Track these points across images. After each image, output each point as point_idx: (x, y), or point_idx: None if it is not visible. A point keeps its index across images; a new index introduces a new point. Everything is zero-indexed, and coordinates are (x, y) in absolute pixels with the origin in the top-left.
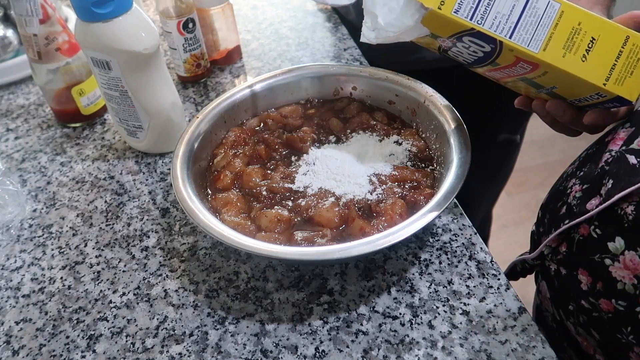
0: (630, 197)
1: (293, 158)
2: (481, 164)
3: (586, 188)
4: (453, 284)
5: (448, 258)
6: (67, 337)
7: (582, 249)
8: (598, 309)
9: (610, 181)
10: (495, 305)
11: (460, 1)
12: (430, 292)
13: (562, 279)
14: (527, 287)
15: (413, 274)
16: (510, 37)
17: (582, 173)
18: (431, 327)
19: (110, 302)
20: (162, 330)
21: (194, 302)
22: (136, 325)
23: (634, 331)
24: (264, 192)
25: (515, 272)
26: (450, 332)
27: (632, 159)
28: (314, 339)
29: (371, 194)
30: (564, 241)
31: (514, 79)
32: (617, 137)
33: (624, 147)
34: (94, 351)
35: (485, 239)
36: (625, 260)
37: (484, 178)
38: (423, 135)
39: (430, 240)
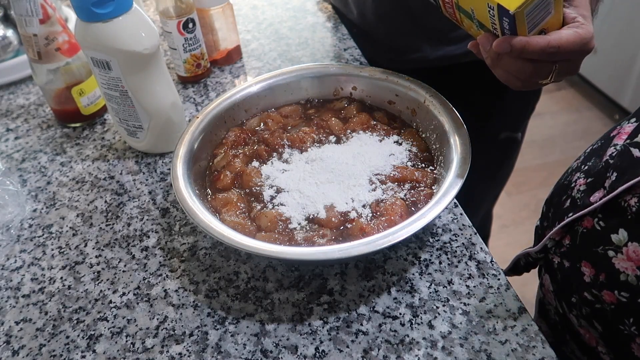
0: (634, 189)
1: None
2: (482, 163)
3: (590, 181)
4: (453, 284)
5: (448, 258)
6: (67, 337)
7: (586, 241)
8: (601, 301)
9: (614, 174)
10: (495, 306)
11: None
12: (430, 292)
13: (566, 272)
14: (526, 287)
15: (413, 274)
16: None
17: (586, 167)
18: (431, 327)
19: (110, 302)
20: (162, 330)
21: (194, 302)
22: (136, 325)
23: (636, 322)
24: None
25: (518, 266)
26: (450, 332)
27: (636, 152)
28: (314, 339)
29: (371, 194)
30: (568, 234)
31: (458, 13)
32: (622, 132)
33: (628, 141)
34: (94, 351)
35: (486, 238)
36: (628, 252)
37: (485, 177)
38: (423, 135)
39: (430, 240)
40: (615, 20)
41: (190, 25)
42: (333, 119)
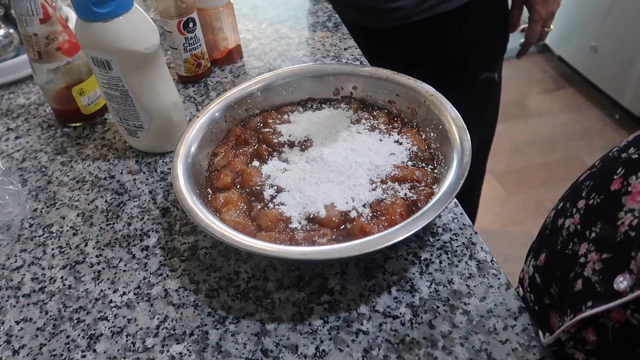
0: None
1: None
2: (465, 106)
3: (607, 259)
4: (453, 283)
5: (448, 257)
6: (68, 336)
7: (622, 338)
8: None
9: None
10: (495, 305)
11: None
12: (430, 292)
13: None
14: None
15: (413, 274)
16: None
17: (593, 235)
18: (431, 326)
19: (111, 301)
20: (162, 329)
21: (194, 301)
22: (136, 324)
23: None
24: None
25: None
26: (450, 332)
27: None
28: (314, 338)
29: (371, 193)
30: (591, 327)
31: None
32: (635, 191)
33: None
34: (94, 351)
35: (474, 209)
36: None
37: (471, 119)
38: (423, 135)
39: (431, 239)
40: (615, 20)
41: (191, 24)
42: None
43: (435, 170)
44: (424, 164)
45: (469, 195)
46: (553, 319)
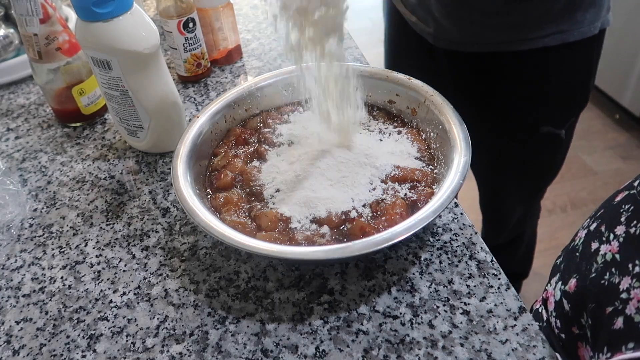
0: None
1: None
2: (519, 156)
3: None
4: (453, 283)
5: (448, 258)
6: (68, 336)
7: None
8: None
9: None
10: (495, 305)
11: None
12: (430, 292)
13: None
14: (527, 287)
15: (413, 274)
16: None
17: (637, 269)
18: (431, 326)
19: (111, 301)
20: (162, 329)
21: (194, 301)
22: (136, 324)
23: None
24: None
25: None
26: (450, 332)
27: None
28: (314, 338)
29: (371, 193)
30: None
31: None
32: None
33: None
34: (94, 351)
35: (529, 259)
36: None
37: (520, 171)
38: (423, 135)
39: (431, 239)
40: (615, 20)
41: (191, 24)
42: None
43: (435, 170)
44: (424, 164)
45: (515, 240)
46: (582, 351)
